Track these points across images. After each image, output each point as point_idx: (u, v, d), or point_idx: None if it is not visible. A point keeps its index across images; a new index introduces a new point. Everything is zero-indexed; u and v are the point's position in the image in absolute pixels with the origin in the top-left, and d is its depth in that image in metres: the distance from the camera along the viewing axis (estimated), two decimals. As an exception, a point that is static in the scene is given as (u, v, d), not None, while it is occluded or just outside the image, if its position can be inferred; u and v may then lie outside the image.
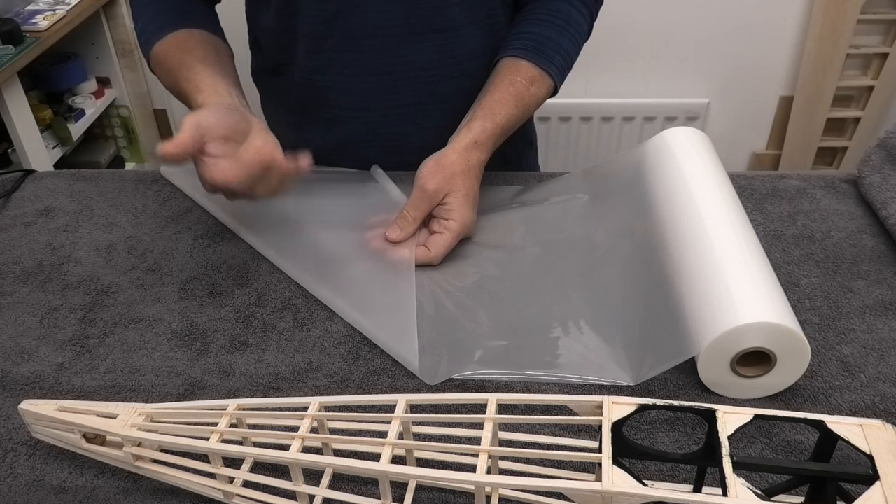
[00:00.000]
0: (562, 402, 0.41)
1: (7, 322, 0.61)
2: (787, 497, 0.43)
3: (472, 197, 0.67)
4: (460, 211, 0.66)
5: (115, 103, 1.84)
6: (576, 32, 0.77)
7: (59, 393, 0.54)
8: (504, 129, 0.71)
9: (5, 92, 1.39)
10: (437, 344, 0.57)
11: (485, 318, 0.59)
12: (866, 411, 0.50)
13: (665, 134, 0.70)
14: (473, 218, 0.67)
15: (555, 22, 0.76)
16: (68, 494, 0.47)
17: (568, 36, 0.76)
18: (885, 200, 0.67)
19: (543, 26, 0.76)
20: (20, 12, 1.53)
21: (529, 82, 0.73)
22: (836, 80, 1.74)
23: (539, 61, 0.74)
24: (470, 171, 0.68)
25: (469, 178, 0.67)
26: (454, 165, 0.67)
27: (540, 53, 0.74)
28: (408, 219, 0.66)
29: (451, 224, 0.65)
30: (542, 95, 0.75)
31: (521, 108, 0.73)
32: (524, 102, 0.73)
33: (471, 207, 0.67)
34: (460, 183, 0.67)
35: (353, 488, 0.46)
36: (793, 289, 0.61)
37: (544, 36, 0.75)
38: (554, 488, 0.38)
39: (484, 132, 0.70)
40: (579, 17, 0.77)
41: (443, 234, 0.65)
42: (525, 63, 0.74)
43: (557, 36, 0.75)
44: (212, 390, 0.54)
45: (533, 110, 0.76)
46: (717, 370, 0.51)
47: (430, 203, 0.66)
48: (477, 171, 0.69)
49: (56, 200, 0.76)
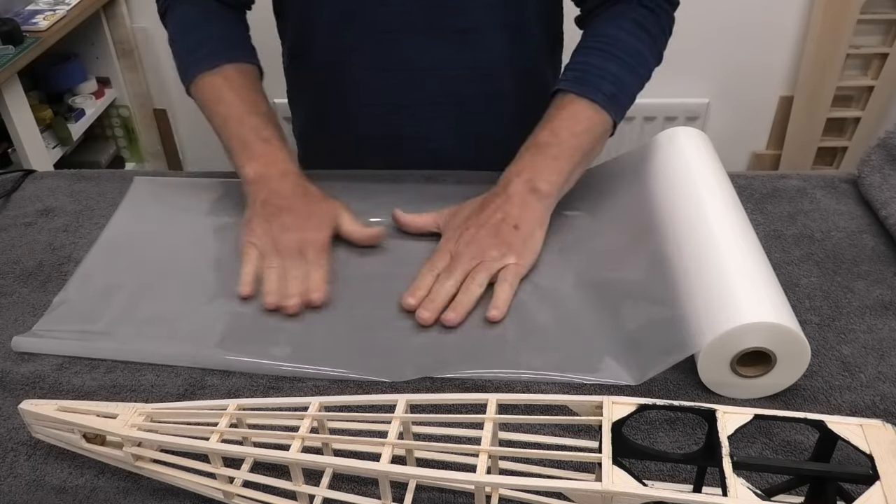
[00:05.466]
0: (562, 402, 0.41)
1: (7, 322, 0.61)
2: (787, 497, 0.43)
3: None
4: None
5: (116, 103, 1.84)
6: (625, 55, 0.69)
7: (59, 393, 0.54)
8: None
9: (5, 92, 1.39)
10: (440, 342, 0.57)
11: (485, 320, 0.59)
12: (866, 411, 0.50)
13: (665, 134, 0.70)
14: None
15: (598, 48, 0.70)
16: (68, 494, 0.47)
17: (615, 60, 0.69)
18: (885, 200, 0.67)
19: (589, 54, 0.70)
20: (20, 12, 1.53)
21: (569, 115, 0.68)
22: (836, 80, 1.74)
23: (583, 91, 0.68)
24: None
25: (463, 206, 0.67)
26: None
27: (584, 83, 0.68)
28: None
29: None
30: (582, 121, 0.68)
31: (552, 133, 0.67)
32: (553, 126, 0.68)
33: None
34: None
35: (353, 488, 0.46)
36: (793, 289, 0.61)
37: (589, 64, 0.70)
38: (554, 488, 0.38)
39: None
40: (630, 39, 0.70)
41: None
42: (570, 95, 0.68)
43: (602, 62, 0.69)
44: (212, 390, 0.54)
45: (567, 135, 0.67)
46: (717, 370, 0.51)
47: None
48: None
49: (56, 200, 0.76)
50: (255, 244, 0.64)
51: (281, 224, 0.64)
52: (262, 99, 0.74)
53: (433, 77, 0.77)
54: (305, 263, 0.62)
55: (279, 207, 0.65)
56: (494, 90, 0.78)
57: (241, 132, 0.70)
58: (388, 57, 0.76)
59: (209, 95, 0.72)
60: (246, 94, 0.72)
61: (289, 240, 0.63)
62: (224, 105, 0.71)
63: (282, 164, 0.68)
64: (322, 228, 0.65)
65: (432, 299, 0.58)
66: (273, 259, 0.63)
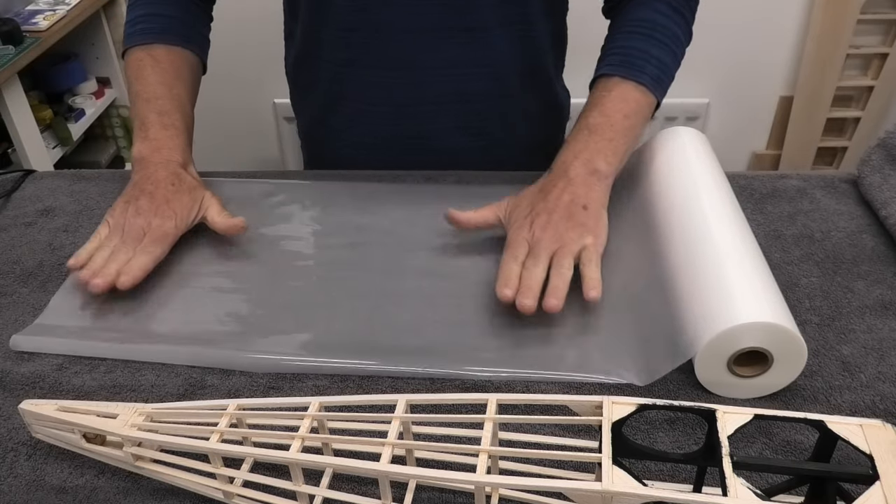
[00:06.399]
0: (562, 402, 0.41)
1: (7, 322, 0.61)
2: (787, 497, 0.43)
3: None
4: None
5: (115, 103, 1.84)
6: (665, 38, 0.71)
7: (59, 393, 0.54)
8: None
9: (5, 92, 1.39)
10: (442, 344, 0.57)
11: (486, 317, 0.59)
12: (866, 411, 0.50)
13: (662, 134, 0.70)
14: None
15: (639, 32, 0.72)
16: (68, 494, 0.47)
17: (656, 44, 0.71)
18: (885, 200, 0.67)
19: (631, 38, 0.72)
20: (20, 12, 1.53)
21: (619, 97, 0.69)
22: (836, 80, 1.74)
23: (629, 74, 0.69)
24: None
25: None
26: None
27: (630, 66, 0.69)
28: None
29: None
30: (631, 103, 0.69)
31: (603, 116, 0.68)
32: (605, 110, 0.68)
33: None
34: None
35: (353, 488, 0.46)
36: (793, 289, 0.61)
37: (632, 48, 0.71)
38: (554, 488, 0.38)
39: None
40: (667, 22, 0.72)
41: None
42: (616, 78, 0.69)
43: (645, 45, 0.71)
44: (212, 390, 0.54)
45: (619, 117, 0.68)
46: (714, 370, 0.51)
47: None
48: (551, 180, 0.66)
49: (56, 200, 0.76)
50: (109, 222, 0.66)
51: (136, 208, 0.66)
52: (183, 85, 0.75)
53: (440, 75, 0.77)
54: (136, 248, 0.63)
55: (142, 191, 0.67)
56: (501, 88, 0.78)
57: (145, 113, 0.71)
58: (394, 56, 0.76)
59: (132, 70, 0.74)
60: (166, 76, 0.73)
61: (135, 224, 0.65)
62: (140, 83, 0.73)
63: (168, 151, 0.69)
64: (171, 218, 0.65)
65: (529, 286, 0.58)
66: (112, 239, 0.64)
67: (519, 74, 0.80)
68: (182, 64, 0.76)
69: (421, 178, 0.76)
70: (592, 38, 0.79)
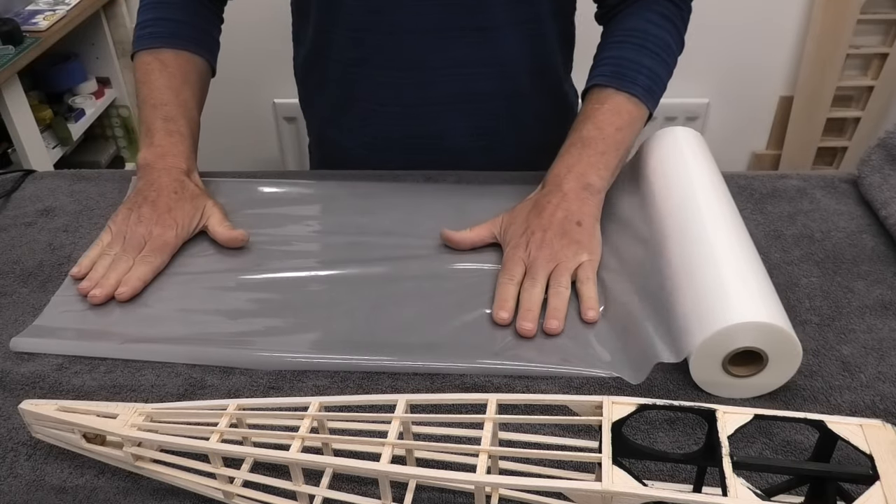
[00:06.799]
0: (562, 402, 0.41)
1: (7, 322, 0.61)
2: (787, 497, 0.43)
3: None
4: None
5: (115, 103, 1.84)
6: (656, 48, 0.71)
7: (59, 393, 0.54)
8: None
9: (5, 92, 1.39)
10: (441, 341, 0.57)
11: (485, 315, 0.59)
12: (866, 411, 0.50)
13: (658, 134, 0.70)
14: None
15: (630, 42, 0.72)
16: (68, 494, 0.47)
17: (648, 54, 0.71)
18: (885, 200, 0.67)
19: (622, 48, 0.72)
20: (20, 12, 1.53)
21: (611, 109, 0.69)
22: (836, 80, 1.74)
23: (622, 85, 0.69)
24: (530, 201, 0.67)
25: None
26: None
27: (622, 77, 0.69)
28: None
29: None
30: (624, 115, 0.69)
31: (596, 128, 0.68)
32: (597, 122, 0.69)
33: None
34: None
35: (353, 488, 0.46)
36: (793, 289, 0.61)
37: (623, 58, 0.71)
38: (554, 488, 0.38)
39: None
40: (659, 32, 0.72)
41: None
42: (609, 90, 0.69)
43: (637, 55, 0.70)
44: (212, 390, 0.54)
45: (611, 130, 0.68)
46: (709, 370, 0.51)
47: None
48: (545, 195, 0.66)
49: (56, 200, 0.76)
50: (111, 229, 0.66)
51: (138, 215, 0.66)
52: (190, 89, 0.75)
53: (450, 75, 0.77)
54: (137, 258, 0.64)
55: (145, 199, 0.67)
56: (511, 88, 0.78)
57: (151, 118, 0.72)
58: (404, 56, 0.76)
59: (140, 74, 0.75)
60: (173, 81, 0.73)
61: (136, 232, 0.65)
62: (147, 87, 0.73)
63: (172, 158, 0.70)
64: (172, 227, 0.66)
65: (528, 308, 0.58)
66: (114, 247, 0.65)
67: (529, 74, 0.80)
68: (190, 68, 0.76)
69: (421, 178, 0.76)
70: (599, 38, 0.79)
